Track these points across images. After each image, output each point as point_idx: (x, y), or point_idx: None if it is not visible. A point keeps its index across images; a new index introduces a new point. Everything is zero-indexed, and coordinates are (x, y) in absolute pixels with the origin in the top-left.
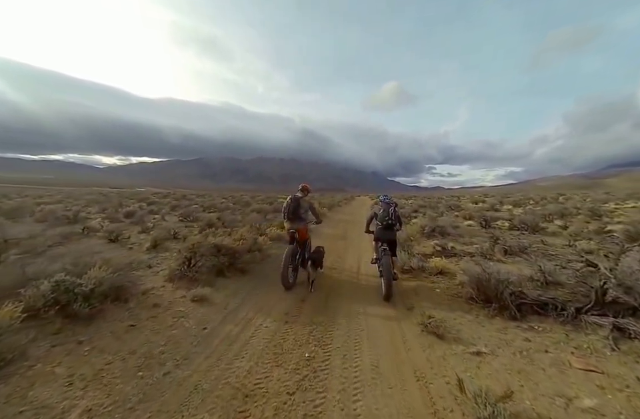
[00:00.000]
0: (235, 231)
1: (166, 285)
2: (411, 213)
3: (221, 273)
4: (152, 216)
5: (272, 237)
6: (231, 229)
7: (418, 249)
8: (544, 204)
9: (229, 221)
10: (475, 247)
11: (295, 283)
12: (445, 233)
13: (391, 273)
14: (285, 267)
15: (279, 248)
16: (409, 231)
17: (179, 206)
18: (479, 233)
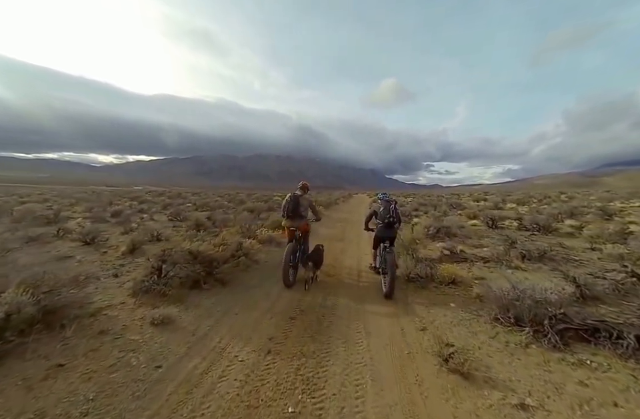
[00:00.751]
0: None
1: (127, 301)
2: (412, 212)
3: (197, 285)
4: (140, 215)
5: (262, 239)
6: (220, 230)
7: (423, 252)
8: (548, 202)
9: (219, 221)
10: (486, 251)
11: (295, 281)
12: (450, 234)
13: (395, 270)
14: (286, 266)
15: (268, 252)
16: (415, 232)
17: (171, 205)
18: (487, 234)
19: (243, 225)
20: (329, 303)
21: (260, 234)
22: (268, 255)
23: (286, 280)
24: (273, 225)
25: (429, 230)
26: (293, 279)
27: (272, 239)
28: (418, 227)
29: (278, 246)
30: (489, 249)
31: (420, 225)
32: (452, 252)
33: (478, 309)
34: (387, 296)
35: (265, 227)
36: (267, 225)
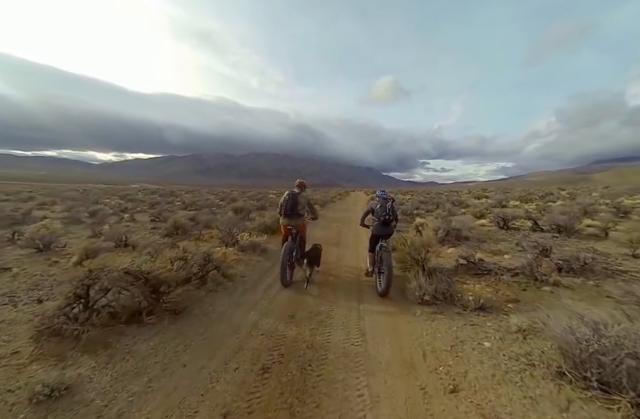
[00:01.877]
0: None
1: (23, 349)
2: (413, 211)
3: (137, 319)
4: (122, 215)
5: (243, 246)
6: (199, 234)
7: (434, 262)
8: (551, 200)
9: (203, 222)
10: (508, 259)
11: (292, 280)
12: (461, 238)
13: (392, 268)
14: (283, 265)
15: (249, 264)
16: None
17: (160, 203)
18: (502, 237)
19: (223, 228)
20: (319, 342)
21: (242, 239)
22: (247, 268)
23: (283, 279)
24: (261, 227)
25: (437, 233)
26: (290, 279)
27: (256, 245)
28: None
29: (262, 254)
30: (511, 256)
31: (426, 226)
32: (469, 261)
33: (526, 353)
34: (382, 295)
35: (250, 230)
36: (253, 227)
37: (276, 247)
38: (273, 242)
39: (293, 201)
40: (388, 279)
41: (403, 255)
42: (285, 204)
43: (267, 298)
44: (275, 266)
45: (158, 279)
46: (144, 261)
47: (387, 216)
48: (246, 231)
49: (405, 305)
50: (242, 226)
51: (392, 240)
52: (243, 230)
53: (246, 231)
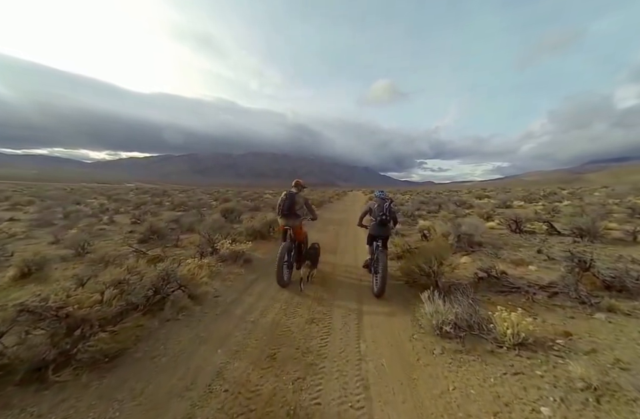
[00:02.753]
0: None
1: None
2: (414, 212)
3: (40, 376)
4: (101, 217)
5: (224, 255)
6: (177, 239)
7: (449, 276)
8: (557, 200)
9: (186, 225)
10: (534, 270)
11: (290, 281)
12: (473, 244)
13: (387, 269)
14: (280, 266)
15: (226, 279)
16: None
17: (146, 203)
18: (516, 241)
19: (204, 234)
20: (305, 402)
21: (223, 247)
22: (224, 284)
23: (280, 280)
24: (248, 231)
25: (447, 238)
26: (287, 279)
27: (239, 254)
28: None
29: (246, 265)
30: (537, 268)
31: (433, 230)
32: (490, 274)
33: None
34: (378, 296)
35: (236, 235)
36: (239, 232)
37: (264, 255)
38: (261, 249)
39: (290, 201)
40: (382, 280)
41: (409, 265)
42: (282, 204)
43: (244, 327)
44: (259, 280)
45: (75, 317)
46: (56, 291)
47: (384, 216)
48: (230, 236)
49: (419, 337)
50: (227, 230)
51: (397, 246)
52: (227, 235)
53: (230, 236)
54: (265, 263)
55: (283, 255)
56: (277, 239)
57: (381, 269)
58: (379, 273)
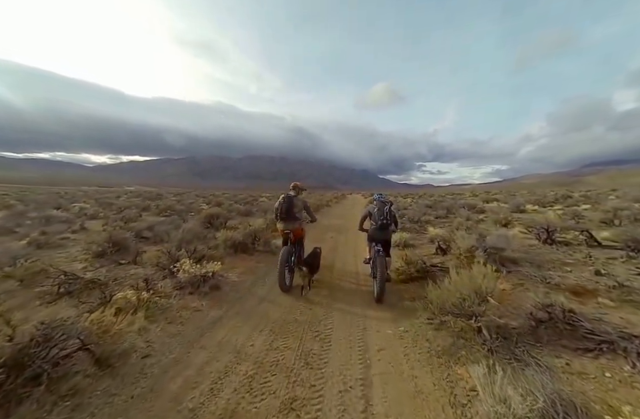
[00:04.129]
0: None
1: None
2: (421, 218)
3: None
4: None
5: (184, 282)
6: (137, 253)
7: (491, 313)
8: (573, 203)
9: (160, 233)
10: (612, 305)
11: (291, 285)
12: (506, 261)
13: (385, 274)
14: (281, 270)
15: (175, 320)
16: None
17: (130, 207)
18: (554, 256)
19: (165, 249)
20: None
21: (184, 268)
22: (167, 331)
23: (282, 284)
24: (227, 244)
25: (474, 254)
26: (289, 284)
27: (205, 279)
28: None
29: (211, 295)
30: (611, 301)
31: (452, 242)
32: (551, 314)
33: None
34: (378, 301)
35: (211, 248)
36: (215, 245)
37: (240, 277)
38: (239, 268)
39: (289, 204)
40: (381, 284)
41: (437, 298)
42: (280, 207)
43: None
44: (225, 319)
45: None
46: None
47: (384, 220)
48: (202, 250)
49: None
50: (202, 242)
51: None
52: (194, 251)
53: (201, 251)
54: (240, 290)
55: (284, 259)
56: (262, 253)
57: (380, 274)
58: (377, 278)
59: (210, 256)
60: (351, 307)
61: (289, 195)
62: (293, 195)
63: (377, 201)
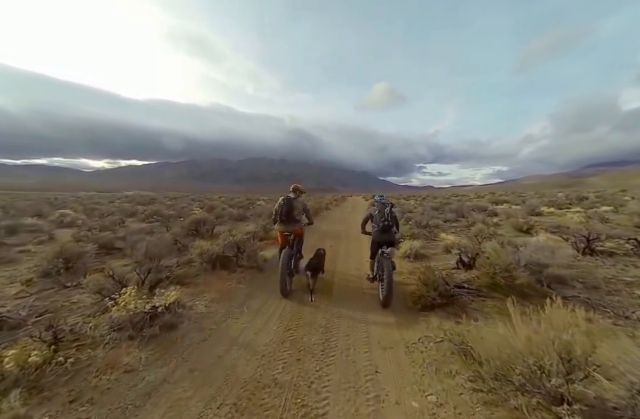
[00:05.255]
0: (117, 265)
1: None
2: (429, 222)
3: None
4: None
5: (124, 320)
6: (84, 276)
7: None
8: (590, 205)
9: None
10: None
11: (292, 289)
12: (551, 280)
13: (392, 276)
14: (283, 274)
15: (83, 393)
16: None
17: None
18: (604, 270)
19: (109, 272)
20: None
21: (128, 300)
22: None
23: (283, 289)
24: (205, 258)
25: (512, 271)
26: (290, 288)
27: (157, 315)
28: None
29: (159, 340)
30: None
31: (479, 254)
32: None
33: None
34: (384, 305)
35: (182, 265)
36: (187, 260)
37: (211, 306)
38: (212, 291)
39: (289, 206)
40: (388, 288)
41: (488, 351)
42: (280, 209)
43: None
44: (169, 384)
45: None
46: None
47: (385, 222)
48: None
49: None
50: (176, 255)
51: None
52: (147, 274)
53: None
54: (204, 328)
55: (285, 263)
56: (246, 269)
57: (386, 277)
58: (384, 281)
59: (177, 276)
60: (354, 355)
61: (288, 197)
62: (293, 197)
63: (378, 203)
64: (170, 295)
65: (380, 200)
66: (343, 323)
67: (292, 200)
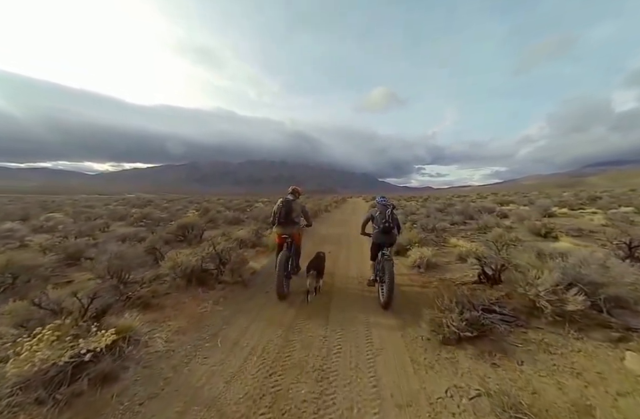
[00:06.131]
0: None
1: None
2: (436, 225)
3: None
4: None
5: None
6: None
7: None
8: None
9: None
10: None
11: (289, 292)
12: (609, 304)
13: (393, 278)
14: (280, 276)
15: None
16: None
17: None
18: None
19: (37, 299)
20: None
21: (37, 348)
22: None
23: (280, 291)
24: (179, 272)
25: (558, 292)
26: (287, 290)
27: (87, 362)
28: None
29: (88, 401)
30: None
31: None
32: None
33: None
34: (385, 307)
35: (145, 284)
36: (156, 276)
37: (171, 341)
38: (179, 318)
39: (287, 208)
40: (389, 289)
41: None
42: (279, 212)
43: None
44: None
45: None
46: None
47: (386, 223)
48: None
49: None
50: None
51: (450, 325)
52: (88, 305)
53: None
54: (153, 379)
55: (282, 265)
56: (229, 285)
57: (387, 279)
58: (385, 282)
59: (140, 297)
60: None
61: (287, 199)
62: (292, 199)
63: (379, 204)
64: (108, 335)
65: (381, 201)
66: (343, 362)
67: (291, 202)
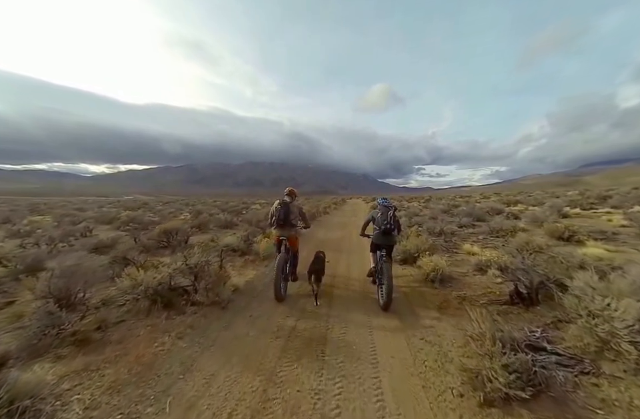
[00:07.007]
0: None
1: None
2: (444, 228)
3: None
4: None
5: None
6: None
7: None
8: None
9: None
10: None
11: (286, 294)
12: None
13: (392, 279)
14: (277, 279)
15: None
16: None
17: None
18: None
19: None
20: None
21: None
22: None
23: (277, 294)
24: (142, 292)
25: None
26: (284, 293)
27: None
28: None
29: None
30: None
31: (545, 278)
32: None
33: None
34: (385, 308)
35: (87, 312)
36: (108, 298)
37: (93, 411)
38: (120, 363)
39: (285, 210)
40: (388, 291)
41: None
42: (277, 214)
43: None
44: None
45: None
46: None
47: (388, 225)
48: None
49: None
50: (105, 285)
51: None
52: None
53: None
54: None
55: (280, 268)
56: (202, 307)
57: (386, 280)
58: (384, 284)
59: (81, 327)
60: None
61: (284, 201)
62: (289, 201)
63: (381, 206)
64: None
65: (383, 203)
66: None
67: (288, 204)
